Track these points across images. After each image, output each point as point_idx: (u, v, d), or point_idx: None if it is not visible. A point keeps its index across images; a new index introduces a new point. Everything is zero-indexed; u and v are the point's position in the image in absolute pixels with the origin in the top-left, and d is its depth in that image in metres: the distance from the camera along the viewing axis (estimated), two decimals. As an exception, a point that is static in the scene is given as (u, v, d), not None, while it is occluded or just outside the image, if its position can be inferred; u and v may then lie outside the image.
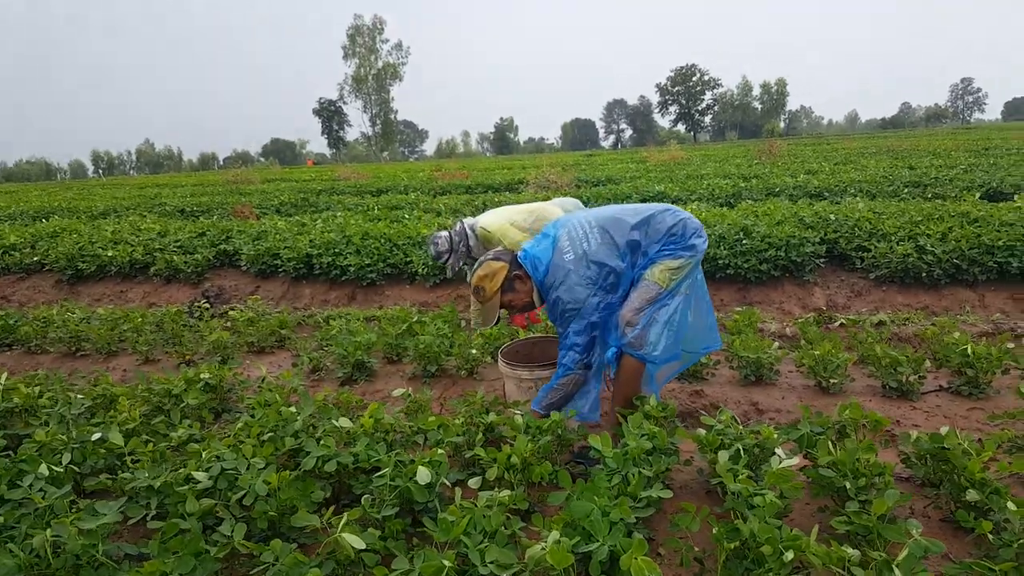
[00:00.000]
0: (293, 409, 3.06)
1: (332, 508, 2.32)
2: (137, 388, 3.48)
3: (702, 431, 2.49)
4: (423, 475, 2.39)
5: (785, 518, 2.30)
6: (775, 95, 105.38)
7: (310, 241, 7.93)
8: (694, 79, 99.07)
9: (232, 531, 2.24)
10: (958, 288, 5.64)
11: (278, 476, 2.45)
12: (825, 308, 5.84)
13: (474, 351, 4.28)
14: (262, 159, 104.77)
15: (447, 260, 4.79)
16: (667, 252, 2.96)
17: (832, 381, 3.61)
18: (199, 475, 2.52)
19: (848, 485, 2.17)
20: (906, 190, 9.90)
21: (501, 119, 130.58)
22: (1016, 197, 7.71)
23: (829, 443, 2.34)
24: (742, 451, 2.36)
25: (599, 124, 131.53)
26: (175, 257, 7.84)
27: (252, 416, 3.15)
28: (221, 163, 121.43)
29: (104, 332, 5.15)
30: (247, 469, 2.55)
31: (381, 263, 7.44)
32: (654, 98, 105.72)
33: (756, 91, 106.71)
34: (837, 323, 5.02)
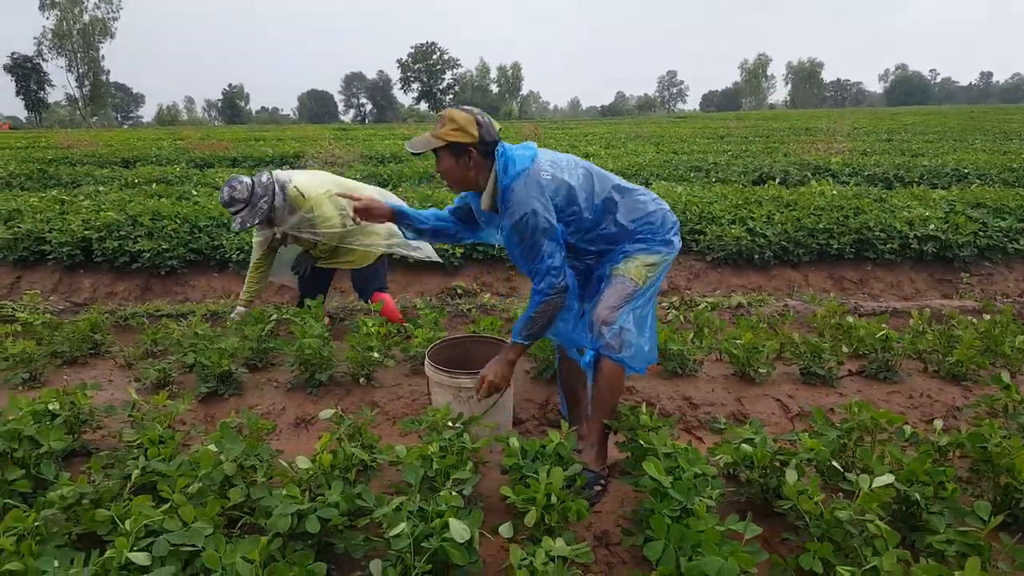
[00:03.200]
0: (213, 447, 2.38)
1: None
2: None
3: (747, 446, 2.30)
4: (458, 530, 1.91)
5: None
6: (511, 79, 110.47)
7: (85, 222, 6.55)
8: (435, 57, 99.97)
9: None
10: (784, 269, 6.16)
11: (258, 547, 1.84)
12: (667, 290, 6.08)
13: (375, 354, 3.74)
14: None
15: (239, 211, 4.03)
16: (642, 244, 2.74)
17: (760, 371, 3.65)
18: (137, 556, 1.82)
19: (918, 497, 2.06)
20: (692, 174, 10.66)
21: (230, 86, 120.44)
22: (814, 183, 8.68)
23: (892, 451, 2.25)
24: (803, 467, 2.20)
25: (338, 97, 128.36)
26: None
27: (145, 458, 2.42)
28: None
29: None
30: (206, 540, 1.90)
31: (182, 248, 6.38)
32: (394, 74, 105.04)
33: (493, 74, 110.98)
34: (701, 306, 5.20)
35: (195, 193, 8.67)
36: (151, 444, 2.50)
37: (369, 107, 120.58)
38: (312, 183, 4.27)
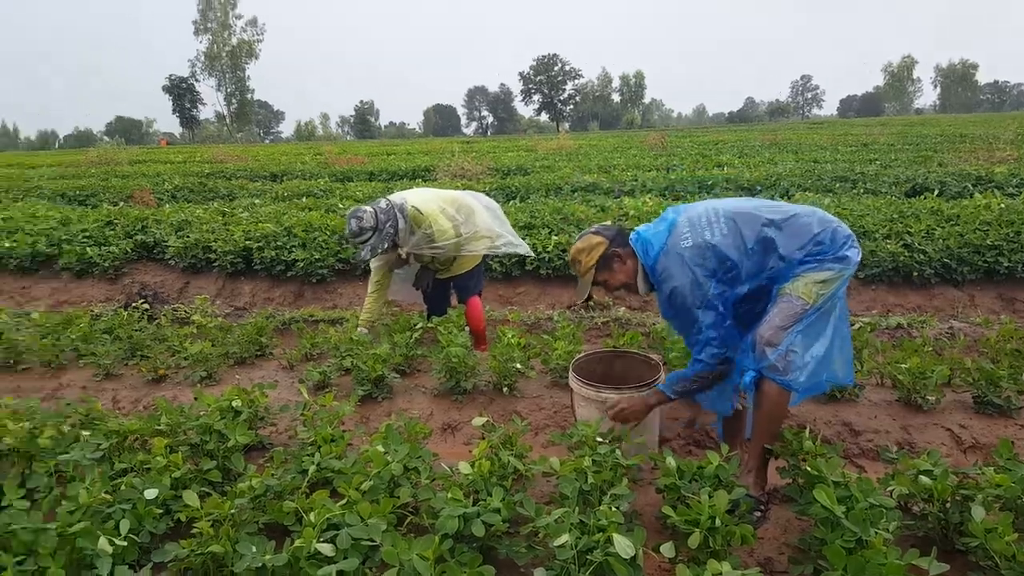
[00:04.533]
0: (380, 448, 2.52)
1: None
2: (159, 421, 2.77)
3: (925, 478, 2.18)
4: (623, 546, 1.92)
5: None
6: (633, 87, 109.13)
7: (245, 233, 7.09)
8: (556, 68, 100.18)
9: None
10: (947, 288, 5.74)
11: (432, 546, 1.93)
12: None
13: (518, 365, 3.83)
14: (106, 138, 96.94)
15: (368, 239, 4.17)
16: (812, 263, 2.61)
17: (928, 398, 3.40)
18: (323, 547, 1.96)
19: None
20: (837, 185, 10.11)
21: (361, 102, 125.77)
22: (978, 195, 8.07)
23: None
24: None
25: (461, 111, 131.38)
26: (88, 249, 6.76)
27: (319, 455, 2.59)
28: (62, 141, 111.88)
29: (48, 342, 4.23)
30: (383, 536, 2.02)
31: (331, 258, 6.77)
32: (515, 87, 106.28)
33: (615, 83, 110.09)
34: (857, 327, 4.94)
35: (341, 206, 9.17)
36: (324, 442, 2.68)
37: (490, 119, 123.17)
38: (423, 199, 4.44)
